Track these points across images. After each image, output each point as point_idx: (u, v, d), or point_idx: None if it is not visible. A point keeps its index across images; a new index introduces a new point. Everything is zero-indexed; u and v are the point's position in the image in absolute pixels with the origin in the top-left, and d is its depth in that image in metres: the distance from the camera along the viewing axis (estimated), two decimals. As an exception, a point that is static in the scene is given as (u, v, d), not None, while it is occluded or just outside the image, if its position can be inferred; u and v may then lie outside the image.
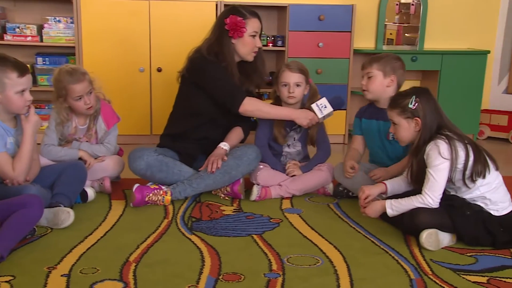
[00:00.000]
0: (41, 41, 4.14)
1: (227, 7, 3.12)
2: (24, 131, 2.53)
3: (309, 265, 2.22)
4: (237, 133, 3.16)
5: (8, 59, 2.47)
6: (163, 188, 2.90)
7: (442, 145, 2.38)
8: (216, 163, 2.91)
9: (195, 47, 3.07)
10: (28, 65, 2.58)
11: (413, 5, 4.65)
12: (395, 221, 2.55)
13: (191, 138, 3.10)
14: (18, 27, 4.09)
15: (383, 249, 2.39)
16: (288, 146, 3.19)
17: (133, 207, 2.84)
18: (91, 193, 2.91)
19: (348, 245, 2.42)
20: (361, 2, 4.50)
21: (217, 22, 3.07)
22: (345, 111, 4.40)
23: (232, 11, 3.02)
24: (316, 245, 2.43)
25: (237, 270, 2.16)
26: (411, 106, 2.46)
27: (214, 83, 2.98)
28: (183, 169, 2.99)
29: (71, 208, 2.62)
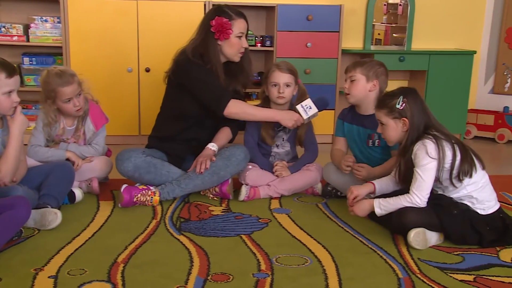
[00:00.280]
0: (28, 41, 4.10)
1: (213, 7, 3.10)
2: (10, 131, 2.50)
3: (298, 265, 2.22)
4: (225, 134, 3.15)
5: None
6: (152, 188, 2.89)
7: (429, 145, 2.40)
8: (204, 164, 2.90)
9: (181, 48, 3.05)
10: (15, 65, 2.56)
11: (400, 5, 4.67)
12: (383, 220, 2.56)
13: (179, 139, 3.09)
14: (4, 27, 4.05)
15: (371, 249, 2.41)
16: (277, 146, 3.19)
17: (121, 208, 2.83)
18: (79, 194, 2.90)
19: (336, 245, 2.43)
20: (349, 2, 4.52)
21: (202, 23, 3.05)
22: (333, 111, 4.41)
23: (217, 12, 3.00)
24: (304, 245, 2.44)
25: (225, 270, 2.16)
26: (398, 106, 2.48)
27: (198, 86, 2.97)
28: (171, 170, 2.98)
29: (59, 209, 2.61)
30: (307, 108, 2.99)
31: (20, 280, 2.03)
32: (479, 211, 2.44)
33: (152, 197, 2.86)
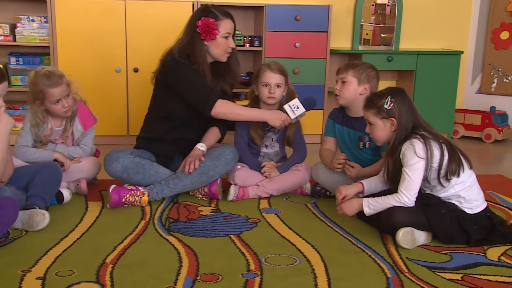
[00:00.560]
0: (14, 40, 4.07)
1: (200, 7, 3.09)
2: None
3: (287, 265, 2.23)
4: (214, 133, 3.15)
5: None
6: (140, 189, 2.88)
7: (417, 145, 2.41)
8: (193, 164, 2.90)
9: (168, 48, 3.04)
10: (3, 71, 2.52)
11: (388, 6, 4.70)
12: (371, 220, 2.57)
13: (167, 139, 3.08)
14: (-11, 26, 4.03)
15: (360, 248, 2.41)
16: (266, 147, 3.19)
17: (110, 208, 2.82)
18: (67, 194, 2.88)
19: (325, 245, 2.44)
20: (337, 2, 4.54)
21: (189, 23, 3.03)
22: (322, 111, 4.42)
23: (204, 12, 2.98)
24: (293, 244, 2.44)
25: (215, 270, 2.15)
26: (386, 106, 2.49)
27: (185, 86, 2.96)
28: (160, 171, 2.97)
29: (47, 209, 2.59)
30: (295, 108, 2.99)
31: (7, 281, 2.01)
32: (466, 210, 2.46)
33: (141, 198, 2.85)
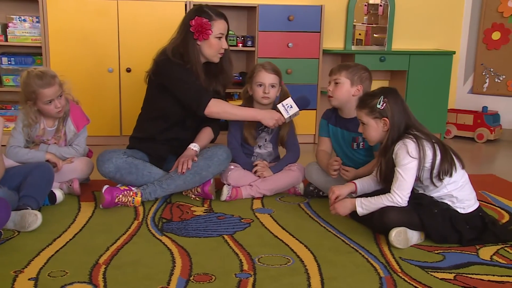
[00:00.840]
0: (6, 40, 4.06)
1: (194, 7, 3.09)
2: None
3: (280, 265, 2.23)
4: (207, 134, 3.15)
5: None
6: (133, 189, 2.87)
7: (410, 145, 2.42)
8: (186, 164, 2.89)
9: (161, 48, 3.04)
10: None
11: (381, 6, 4.71)
12: (365, 220, 2.58)
13: (160, 139, 3.08)
14: (-18, 26, 4.01)
15: (353, 248, 2.42)
16: (259, 147, 3.19)
17: (102, 209, 2.81)
18: (59, 194, 2.87)
19: (318, 244, 2.44)
20: (330, 2, 4.55)
21: (182, 22, 3.03)
22: (315, 111, 4.43)
23: (198, 12, 2.98)
24: (287, 244, 2.44)
25: (208, 270, 2.15)
26: (379, 106, 2.49)
27: (179, 86, 2.96)
28: (153, 171, 2.97)
29: (39, 210, 2.58)
30: (288, 107, 3.00)
31: (-1, 282, 2.01)
32: (459, 210, 2.47)
33: (133, 198, 2.85)
